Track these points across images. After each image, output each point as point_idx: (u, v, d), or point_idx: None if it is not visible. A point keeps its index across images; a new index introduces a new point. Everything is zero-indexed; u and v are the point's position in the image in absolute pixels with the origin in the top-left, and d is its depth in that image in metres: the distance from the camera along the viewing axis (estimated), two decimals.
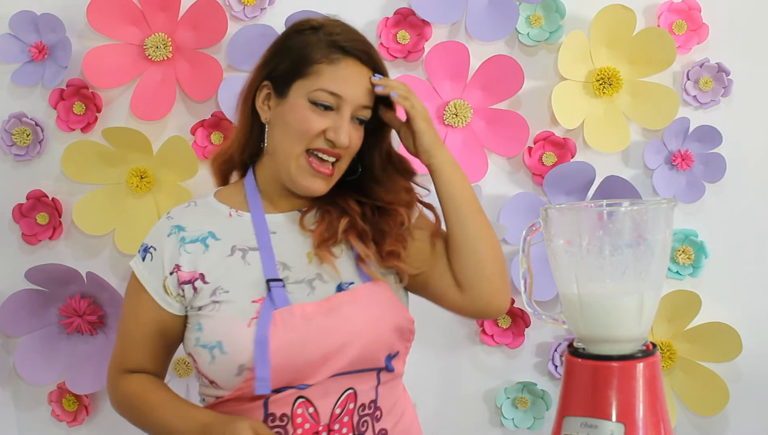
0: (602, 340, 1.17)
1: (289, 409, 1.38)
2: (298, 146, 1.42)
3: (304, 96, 1.42)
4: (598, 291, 1.16)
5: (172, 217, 1.49)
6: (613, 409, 1.14)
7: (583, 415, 1.15)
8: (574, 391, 1.18)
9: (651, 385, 1.16)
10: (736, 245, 2.13)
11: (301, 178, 1.43)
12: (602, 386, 1.15)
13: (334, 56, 1.42)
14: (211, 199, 1.52)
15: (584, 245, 1.15)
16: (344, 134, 1.40)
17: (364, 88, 1.43)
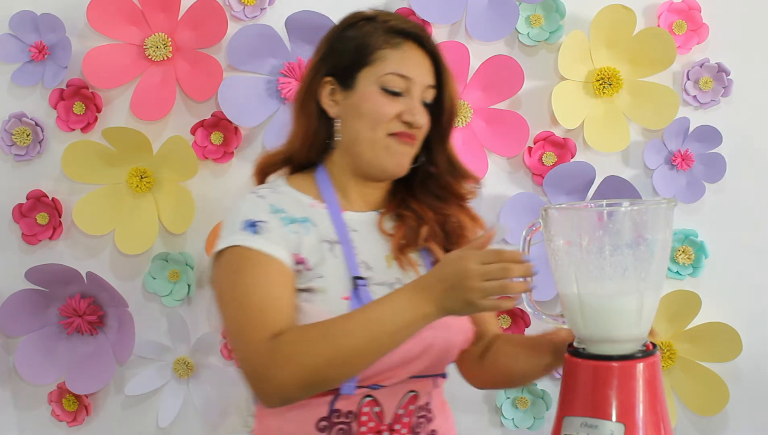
0: (602, 340, 1.17)
1: (356, 406, 1.39)
2: (378, 132, 1.42)
3: (375, 83, 1.43)
4: (598, 291, 1.16)
5: (264, 197, 1.42)
6: (613, 409, 1.14)
7: (583, 415, 1.15)
8: (574, 391, 1.18)
9: (651, 385, 1.16)
10: (736, 245, 2.13)
11: (387, 160, 1.43)
12: (602, 386, 1.15)
13: (395, 41, 1.44)
14: (287, 188, 1.47)
15: (584, 245, 1.15)
16: (419, 114, 1.42)
17: (426, 68, 1.45)
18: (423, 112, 1.44)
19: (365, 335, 1.25)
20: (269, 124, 2.05)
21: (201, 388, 2.11)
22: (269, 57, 2.05)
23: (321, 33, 2.01)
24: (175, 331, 2.09)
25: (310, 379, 1.26)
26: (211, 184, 2.08)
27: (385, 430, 1.40)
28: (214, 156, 2.07)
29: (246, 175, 2.07)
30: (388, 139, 1.43)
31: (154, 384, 2.10)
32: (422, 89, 1.44)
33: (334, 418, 1.39)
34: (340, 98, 1.46)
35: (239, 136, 2.07)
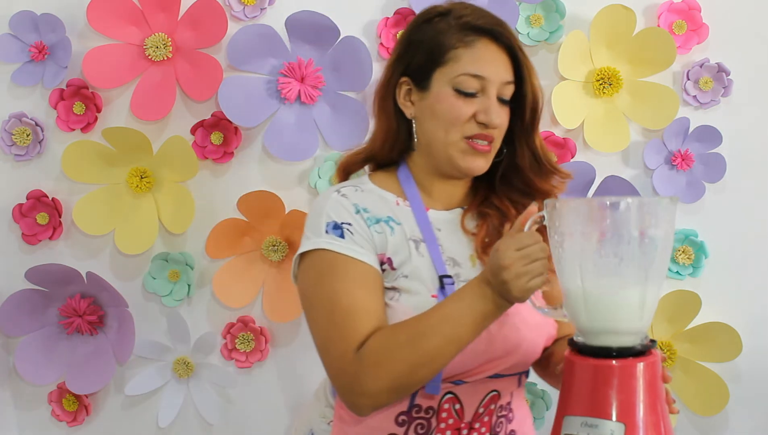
0: (604, 332, 1.17)
1: (436, 402, 1.39)
2: (453, 134, 1.40)
3: (448, 84, 1.40)
4: (602, 284, 1.16)
5: (348, 196, 1.41)
6: (614, 409, 1.14)
7: (584, 415, 1.15)
8: (574, 391, 1.18)
9: (651, 385, 1.16)
10: (736, 245, 2.13)
11: (464, 161, 1.41)
12: (602, 385, 1.15)
13: (469, 38, 1.40)
14: (371, 186, 1.47)
15: (589, 238, 1.15)
16: (495, 114, 1.38)
17: (503, 64, 1.41)
18: (499, 111, 1.40)
19: (444, 334, 1.26)
20: (269, 124, 2.05)
21: (201, 388, 2.11)
22: (269, 57, 2.05)
23: (321, 33, 2.03)
24: (175, 331, 2.09)
25: (397, 384, 1.28)
26: (211, 184, 2.08)
27: (464, 428, 1.40)
28: (214, 156, 2.07)
29: (246, 175, 2.09)
30: (463, 143, 1.40)
31: (154, 384, 2.10)
32: (499, 86, 1.40)
33: (414, 412, 1.39)
34: (416, 99, 1.43)
35: (239, 136, 2.07)
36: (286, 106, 2.05)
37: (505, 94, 1.41)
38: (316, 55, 2.05)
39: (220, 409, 2.12)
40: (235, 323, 2.09)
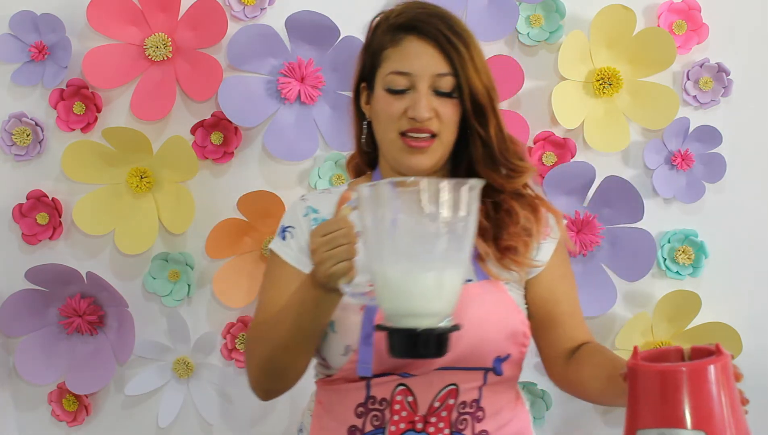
0: (405, 314, 1.18)
1: (389, 394, 1.39)
2: (390, 132, 1.43)
3: (381, 84, 1.44)
4: (398, 267, 1.17)
5: (307, 200, 1.53)
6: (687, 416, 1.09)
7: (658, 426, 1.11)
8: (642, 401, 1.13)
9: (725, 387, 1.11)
10: (736, 245, 2.13)
11: (403, 158, 1.44)
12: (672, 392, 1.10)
13: (396, 37, 1.43)
14: (345, 188, 1.54)
15: (384, 222, 1.17)
16: (422, 108, 1.39)
17: (432, 57, 1.41)
18: (427, 106, 1.40)
19: (288, 321, 1.35)
20: (269, 124, 2.05)
21: (201, 388, 2.11)
22: (269, 57, 2.05)
23: (321, 33, 2.03)
24: (175, 331, 2.09)
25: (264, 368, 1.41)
26: (211, 184, 2.08)
27: (419, 422, 1.39)
28: (214, 156, 2.07)
29: (246, 175, 2.09)
30: (400, 142, 1.43)
31: (154, 384, 2.10)
32: (431, 80, 1.41)
33: (369, 404, 1.40)
34: (370, 102, 1.48)
35: (239, 136, 2.07)
36: (286, 106, 2.05)
37: (442, 87, 1.41)
38: (316, 55, 2.05)
39: (220, 409, 2.11)
40: (235, 323, 2.09)
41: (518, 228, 1.45)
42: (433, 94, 1.41)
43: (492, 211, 1.46)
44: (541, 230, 1.48)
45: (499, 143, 1.45)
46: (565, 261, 1.54)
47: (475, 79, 1.41)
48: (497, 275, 1.44)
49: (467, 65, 1.41)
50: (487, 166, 1.45)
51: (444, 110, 1.42)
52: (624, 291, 2.11)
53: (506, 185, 1.46)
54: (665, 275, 2.12)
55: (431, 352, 1.18)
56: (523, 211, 1.47)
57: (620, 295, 2.10)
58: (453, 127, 1.44)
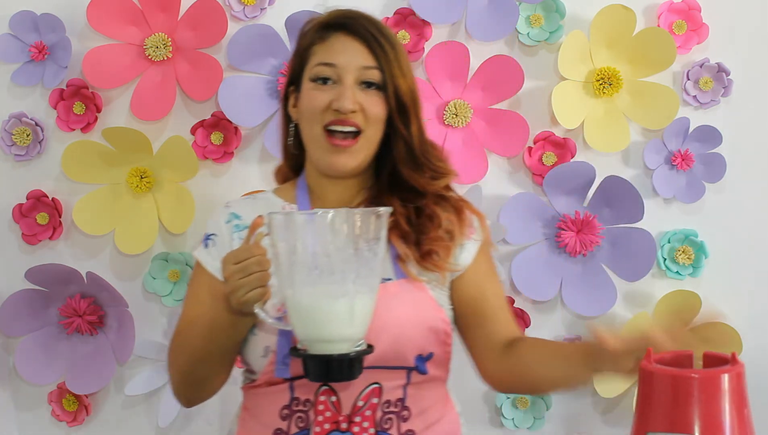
0: (318, 340, 1.21)
1: (313, 395, 1.39)
2: (315, 127, 1.43)
3: (308, 78, 1.45)
4: (310, 294, 1.19)
5: (230, 206, 1.53)
6: (696, 424, 1.09)
7: (666, 431, 1.10)
8: (654, 405, 1.12)
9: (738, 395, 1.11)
10: (736, 245, 2.13)
11: (326, 157, 1.44)
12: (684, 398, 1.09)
13: (323, 35, 1.45)
14: (269, 193, 1.57)
15: (295, 250, 1.19)
16: (346, 99, 1.40)
17: (359, 52, 1.43)
18: (351, 97, 1.41)
19: (203, 338, 1.38)
20: (269, 124, 2.06)
21: None
22: (269, 57, 2.05)
23: None
24: None
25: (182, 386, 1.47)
26: (211, 184, 2.08)
27: (343, 421, 1.39)
28: (214, 156, 2.07)
29: (246, 175, 2.09)
30: (324, 140, 1.43)
31: (154, 384, 2.10)
32: (357, 72, 1.42)
33: (294, 406, 1.40)
34: (297, 103, 1.49)
35: (239, 136, 2.07)
36: None
37: (368, 77, 1.43)
38: None
39: (220, 409, 2.11)
40: None
41: (440, 232, 1.46)
42: (358, 86, 1.43)
43: (414, 216, 1.47)
44: (464, 232, 1.50)
45: (420, 144, 1.47)
46: (490, 260, 1.55)
47: (400, 77, 1.44)
48: (416, 276, 1.45)
49: (393, 63, 1.43)
50: (410, 166, 1.47)
51: (369, 105, 1.42)
52: (624, 291, 2.11)
53: (428, 187, 1.47)
54: (665, 275, 2.12)
55: (345, 376, 1.24)
56: (446, 213, 1.48)
57: (620, 295, 2.10)
58: (378, 125, 1.44)
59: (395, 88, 1.43)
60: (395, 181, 1.49)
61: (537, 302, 2.12)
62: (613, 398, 2.12)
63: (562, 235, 2.07)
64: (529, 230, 2.09)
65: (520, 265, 2.08)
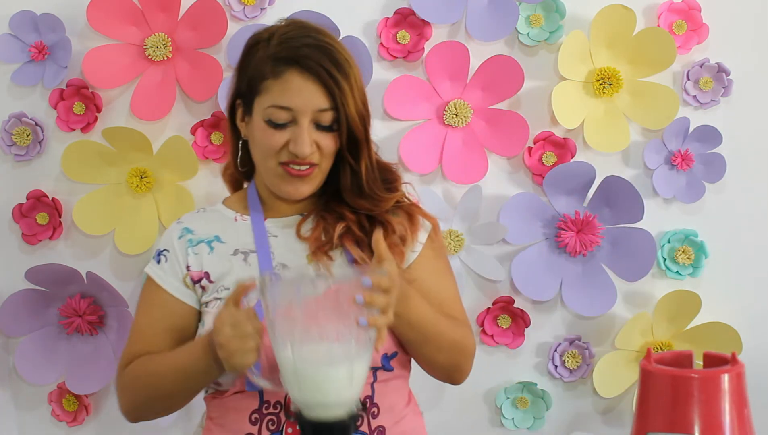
0: (315, 405, 1.19)
1: (283, 397, 1.40)
2: (270, 161, 1.45)
3: (261, 114, 1.44)
4: (308, 360, 1.17)
5: (182, 222, 1.54)
6: (696, 424, 1.09)
7: (666, 431, 1.11)
8: (653, 405, 1.13)
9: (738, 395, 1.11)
10: (736, 245, 2.13)
11: (283, 186, 1.46)
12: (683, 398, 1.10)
13: (278, 69, 1.42)
14: (220, 205, 1.57)
15: (294, 317, 1.17)
16: (303, 144, 1.41)
17: (314, 93, 1.41)
18: (310, 140, 1.41)
19: (173, 380, 1.40)
20: None
21: None
22: None
23: None
24: None
25: (138, 412, 1.49)
26: (211, 184, 2.08)
27: None
28: (214, 156, 2.07)
29: None
30: (280, 169, 1.44)
31: None
32: (312, 114, 1.41)
33: (264, 409, 1.41)
34: (246, 122, 1.49)
35: None
36: None
37: (323, 121, 1.42)
38: None
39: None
40: None
41: (393, 238, 1.46)
42: (313, 127, 1.42)
43: (367, 223, 1.48)
44: (416, 237, 1.51)
45: (367, 174, 1.47)
46: (436, 257, 1.54)
47: (353, 111, 1.42)
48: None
49: (347, 99, 1.41)
50: (354, 193, 1.48)
51: (324, 143, 1.43)
52: (624, 291, 2.11)
53: (372, 210, 1.48)
54: (665, 275, 2.12)
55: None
56: (398, 218, 1.49)
57: (620, 295, 2.10)
58: (331, 157, 1.46)
59: (348, 125, 1.43)
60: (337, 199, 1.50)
61: (537, 302, 2.12)
62: (613, 398, 2.12)
63: (562, 235, 2.07)
64: (529, 230, 2.09)
65: (520, 265, 2.08)
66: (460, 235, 2.07)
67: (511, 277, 2.08)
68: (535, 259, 2.09)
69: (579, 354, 2.11)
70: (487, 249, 2.09)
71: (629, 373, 2.08)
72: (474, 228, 2.08)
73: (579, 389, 2.14)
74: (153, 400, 1.45)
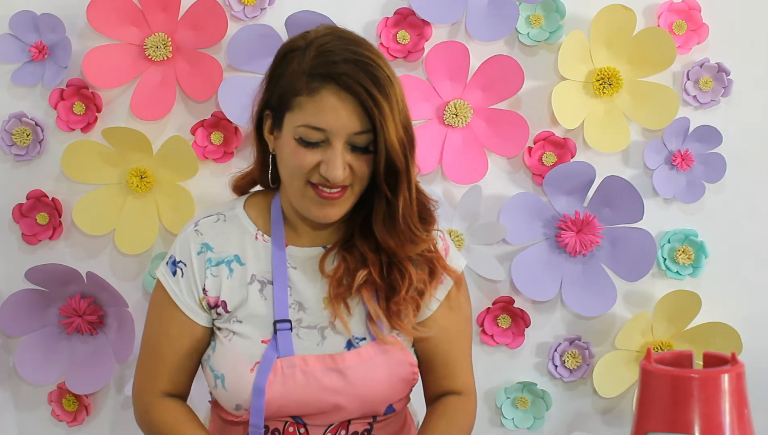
0: None
1: (281, 426, 1.41)
2: (298, 180, 1.36)
3: (292, 132, 1.35)
4: None
5: (201, 233, 1.45)
6: (696, 424, 1.09)
7: (665, 431, 1.11)
8: (653, 405, 1.12)
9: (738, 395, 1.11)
10: (736, 245, 2.13)
11: (311, 208, 1.38)
12: (683, 398, 1.10)
13: (314, 85, 1.32)
14: (241, 211, 1.48)
15: None
16: (336, 168, 1.32)
17: (351, 114, 1.31)
18: (342, 166, 1.31)
19: None
20: None
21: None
22: (269, 57, 2.01)
23: None
24: None
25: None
26: (211, 184, 2.08)
27: None
28: (214, 156, 2.07)
29: None
30: (310, 190, 1.35)
31: None
32: (346, 137, 1.32)
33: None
34: (276, 136, 1.40)
35: (239, 136, 2.07)
36: None
37: (358, 143, 1.33)
38: None
39: None
40: None
41: (410, 291, 1.40)
42: (348, 149, 1.34)
43: (386, 269, 1.40)
44: (433, 293, 1.45)
45: (404, 209, 1.37)
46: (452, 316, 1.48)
47: (393, 136, 1.31)
48: (385, 338, 1.41)
49: (387, 122, 1.31)
50: (384, 228, 1.38)
51: (358, 165, 1.34)
52: (624, 291, 2.11)
53: (398, 251, 1.39)
54: (665, 275, 2.12)
55: None
56: (418, 272, 1.42)
57: (620, 295, 2.10)
58: (365, 180, 1.37)
59: (387, 152, 1.32)
60: (365, 228, 1.42)
61: (537, 302, 2.12)
62: (613, 398, 2.12)
63: (562, 235, 2.07)
64: (529, 230, 2.09)
65: (520, 265, 2.08)
66: (460, 235, 2.07)
67: (511, 277, 2.08)
68: (535, 259, 2.09)
69: (579, 354, 2.11)
70: (487, 249, 2.09)
71: (629, 373, 2.08)
72: (474, 228, 2.08)
73: (579, 389, 2.14)
74: None
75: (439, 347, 1.48)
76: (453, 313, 1.49)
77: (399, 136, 1.32)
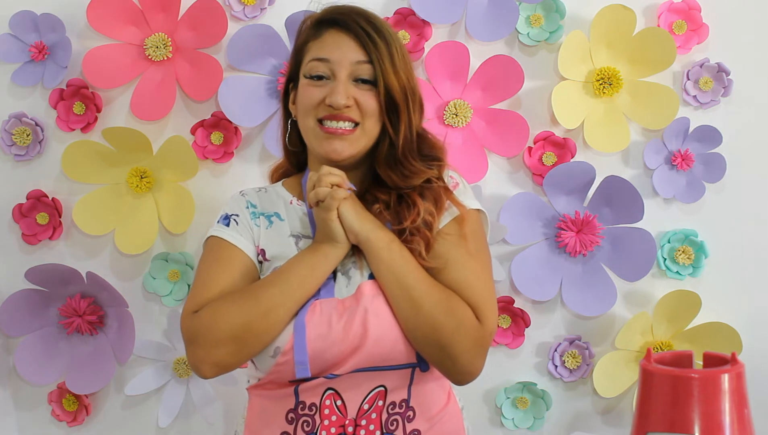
0: None
1: (318, 399, 1.40)
2: (310, 120, 1.46)
3: (303, 75, 1.48)
4: None
5: (246, 195, 1.55)
6: (696, 424, 1.09)
7: (666, 431, 1.11)
8: (654, 405, 1.13)
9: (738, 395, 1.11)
10: (736, 245, 2.13)
11: (322, 146, 1.46)
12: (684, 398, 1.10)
13: (317, 31, 1.48)
14: (279, 186, 1.58)
15: None
16: (339, 94, 1.42)
17: (352, 47, 1.44)
18: (343, 91, 1.43)
19: (277, 284, 1.38)
20: (269, 124, 2.06)
21: (201, 388, 2.11)
22: (269, 57, 2.05)
23: None
24: (175, 331, 2.09)
25: (232, 334, 1.35)
26: (211, 184, 2.09)
27: (349, 425, 1.40)
28: (214, 156, 2.07)
29: (246, 175, 2.09)
30: (318, 129, 1.46)
31: (154, 384, 2.10)
32: (350, 67, 1.44)
33: (300, 410, 1.41)
34: (294, 97, 1.52)
35: (239, 136, 2.07)
36: None
37: (361, 74, 1.45)
38: None
39: (220, 409, 2.12)
40: None
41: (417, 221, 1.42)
42: (353, 82, 1.45)
43: (395, 203, 1.45)
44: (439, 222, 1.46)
45: (404, 143, 1.46)
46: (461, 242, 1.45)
47: (391, 74, 1.44)
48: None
49: (384, 59, 1.44)
50: (386, 164, 1.47)
51: (364, 99, 1.44)
52: (624, 291, 2.11)
53: (400, 184, 1.46)
54: (665, 275, 2.12)
55: None
56: (426, 203, 1.45)
57: (620, 295, 2.10)
58: (374, 118, 1.46)
59: (386, 85, 1.44)
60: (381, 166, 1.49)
61: (537, 302, 2.12)
62: (613, 398, 2.12)
63: (562, 235, 2.07)
64: (529, 230, 2.09)
65: (520, 265, 2.08)
66: None
67: (511, 277, 2.09)
68: (535, 259, 2.10)
69: (579, 354, 2.11)
70: None
71: (629, 373, 2.08)
72: None
73: (579, 389, 2.14)
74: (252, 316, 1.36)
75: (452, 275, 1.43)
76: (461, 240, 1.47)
77: (398, 75, 1.45)
